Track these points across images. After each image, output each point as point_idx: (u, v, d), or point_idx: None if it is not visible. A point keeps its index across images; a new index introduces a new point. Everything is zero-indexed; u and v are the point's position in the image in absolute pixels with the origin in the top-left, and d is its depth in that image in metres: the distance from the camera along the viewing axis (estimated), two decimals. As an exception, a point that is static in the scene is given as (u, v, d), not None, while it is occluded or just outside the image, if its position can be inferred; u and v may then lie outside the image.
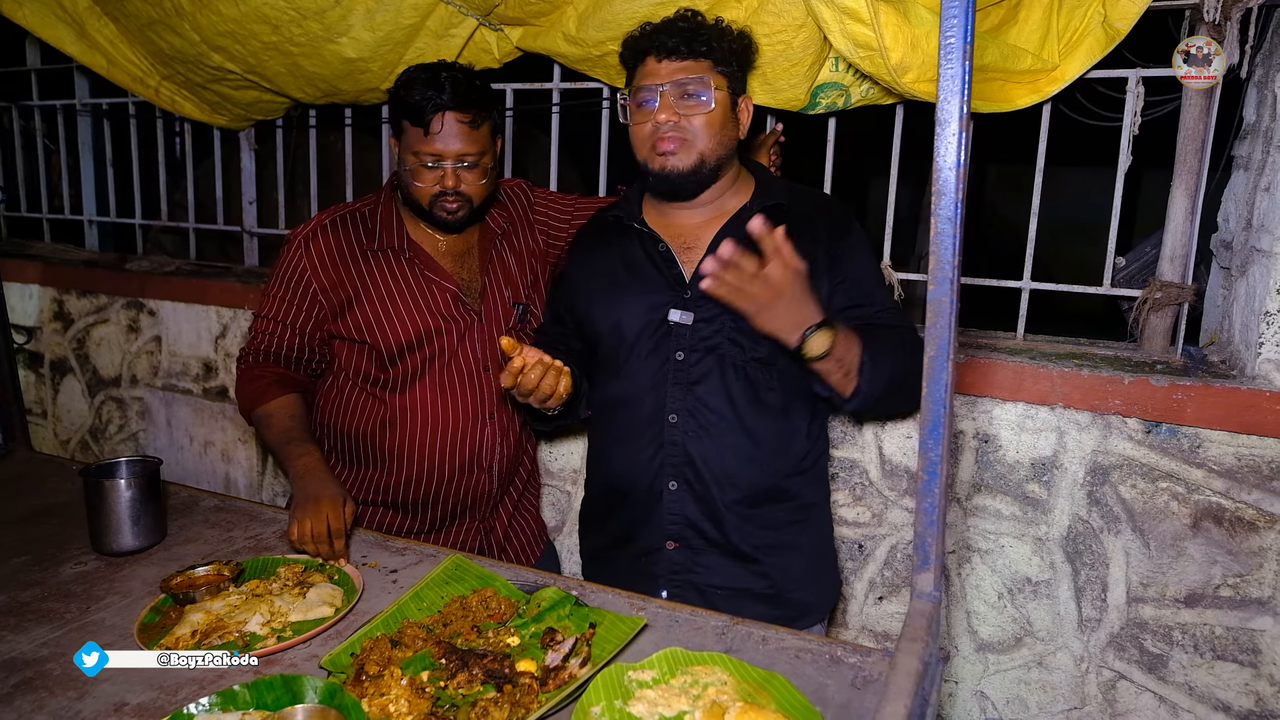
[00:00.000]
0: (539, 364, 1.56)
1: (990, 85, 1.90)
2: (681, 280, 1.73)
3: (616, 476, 1.82)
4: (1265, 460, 1.82)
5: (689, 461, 1.71)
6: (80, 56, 2.77)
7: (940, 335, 1.05)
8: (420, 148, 1.79)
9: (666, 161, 1.66)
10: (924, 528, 1.13)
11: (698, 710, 1.14)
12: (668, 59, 1.65)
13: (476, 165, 1.83)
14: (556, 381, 1.58)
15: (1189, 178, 1.96)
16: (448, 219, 1.86)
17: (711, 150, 1.66)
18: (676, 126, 1.64)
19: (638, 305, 1.75)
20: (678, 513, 1.73)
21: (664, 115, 1.64)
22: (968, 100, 0.99)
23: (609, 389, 1.82)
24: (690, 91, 1.63)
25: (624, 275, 1.79)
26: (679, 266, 1.74)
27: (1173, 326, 2.05)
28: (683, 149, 1.65)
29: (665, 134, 1.64)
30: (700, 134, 1.65)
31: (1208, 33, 1.87)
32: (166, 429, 3.19)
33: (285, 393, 1.87)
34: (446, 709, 1.18)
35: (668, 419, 1.72)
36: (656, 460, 1.74)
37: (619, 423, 1.81)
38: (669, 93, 1.64)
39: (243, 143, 3.16)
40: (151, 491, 1.69)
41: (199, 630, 1.38)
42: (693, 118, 1.64)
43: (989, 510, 2.07)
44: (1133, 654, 1.97)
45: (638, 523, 1.78)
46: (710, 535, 1.73)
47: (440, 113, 1.76)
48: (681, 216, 1.77)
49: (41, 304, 3.51)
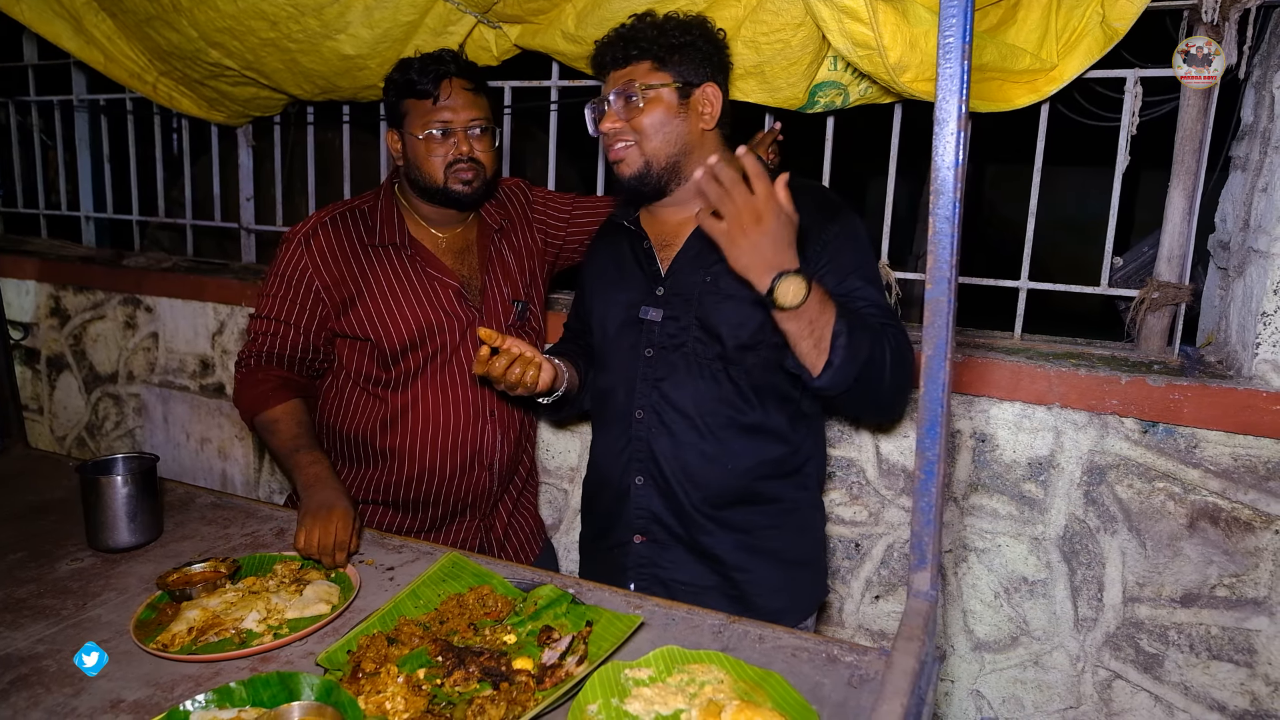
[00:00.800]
0: (506, 354, 1.63)
1: (989, 85, 1.90)
2: (658, 276, 1.75)
3: (597, 468, 1.88)
4: (1262, 460, 1.82)
5: (652, 458, 1.73)
6: (77, 52, 2.76)
7: (938, 334, 1.05)
8: (430, 117, 1.81)
9: (618, 169, 1.70)
10: (921, 527, 1.13)
11: (694, 708, 1.15)
12: (613, 69, 1.69)
13: (486, 131, 1.86)
14: (524, 373, 1.64)
15: (1187, 178, 1.96)
16: (463, 190, 1.85)
17: (659, 148, 1.67)
18: (619, 134, 1.67)
19: (619, 301, 1.80)
20: (644, 507, 1.75)
21: (606, 124, 1.68)
22: (966, 100, 0.99)
23: (597, 381, 1.87)
24: (628, 96, 1.66)
25: (614, 272, 1.84)
26: (657, 263, 1.76)
27: (1170, 327, 2.05)
28: (628, 154, 1.68)
29: (610, 143, 1.69)
30: (644, 135, 1.66)
31: (1206, 33, 1.87)
32: (163, 425, 3.19)
33: (289, 397, 1.84)
34: (443, 706, 1.18)
35: (635, 414, 1.75)
36: (625, 455, 1.77)
37: (601, 415, 1.87)
38: (613, 102, 1.68)
39: (240, 139, 3.16)
40: (148, 488, 1.69)
41: (195, 627, 1.38)
42: (633, 120, 1.66)
43: (986, 510, 2.08)
44: (1128, 653, 1.98)
45: (611, 515, 1.82)
46: (675, 531, 1.74)
47: (447, 79, 1.81)
48: (665, 214, 1.78)
49: (38, 300, 3.51)
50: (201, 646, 1.34)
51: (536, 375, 1.66)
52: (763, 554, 1.74)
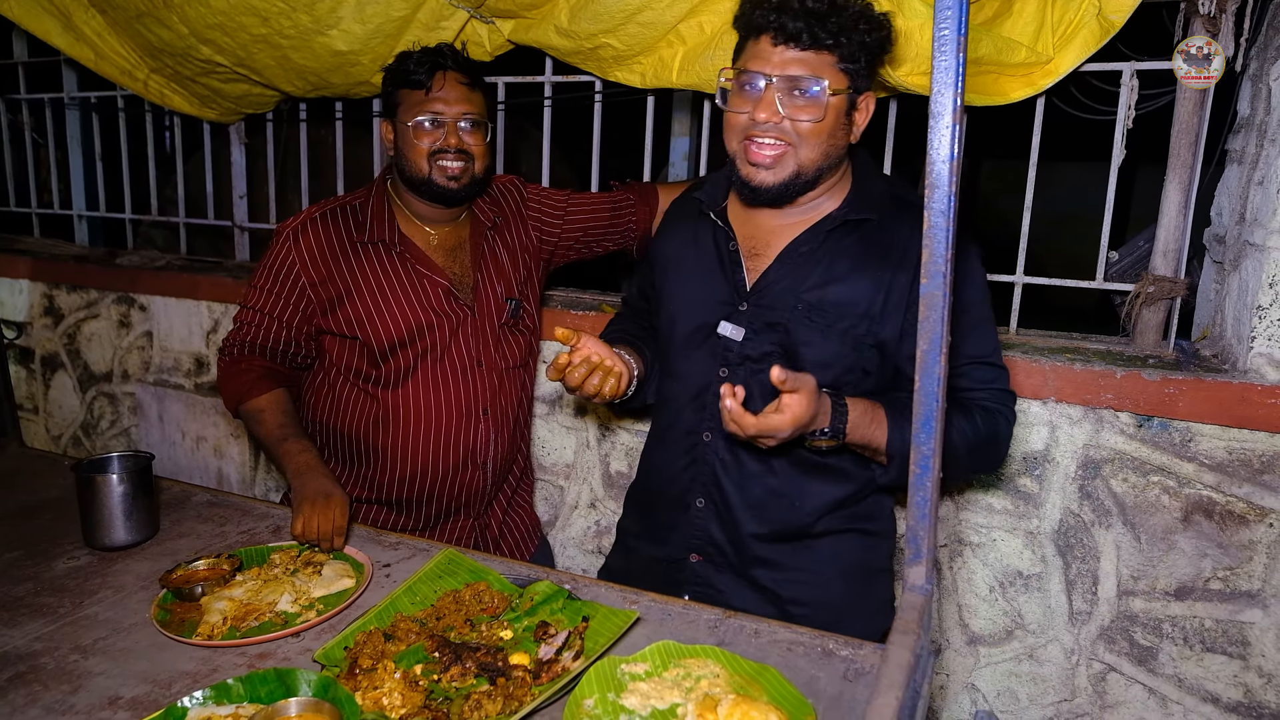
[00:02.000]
0: (586, 363, 1.49)
1: (984, 78, 1.90)
2: (743, 287, 1.59)
3: (654, 475, 1.77)
4: (1256, 454, 1.83)
5: (716, 484, 1.63)
6: (67, 49, 2.75)
7: (933, 329, 1.05)
8: (421, 106, 1.81)
9: (755, 174, 1.47)
10: (916, 521, 1.13)
11: (690, 703, 1.15)
12: (785, 45, 1.41)
13: (478, 126, 1.85)
14: (603, 383, 1.52)
15: (1182, 172, 1.96)
16: (448, 184, 1.84)
17: (813, 161, 1.46)
18: (778, 129, 1.43)
19: (694, 304, 1.64)
20: (702, 529, 1.67)
21: (764, 114, 1.42)
22: (961, 93, 0.99)
23: (663, 384, 1.75)
24: (802, 90, 1.41)
25: (693, 265, 1.66)
26: (743, 272, 1.59)
27: (1165, 321, 2.06)
28: (778, 163, 1.46)
29: (762, 139, 1.45)
30: (803, 142, 1.44)
31: (1203, 25, 1.87)
32: (158, 424, 3.18)
33: (273, 387, 1.86)
34: (440, 702, 1.18)
35: (703, 436, 1.64)
36: (687, 475, 1.67)
37: (663, 421, 1.75)
38: (777, 86, 1.42)
39: (233, 137, 3.15)
40: (144, 486, 1.68)
41: (228, 617, 1.40)
42: (798, 119, 1.43)
43: (981, 504, 2.08)
44: (1123, 646, 1.98)
45: (666, 527, 1.73)
46: (730, 558, 1.66)
47: (441, 71, 1.80)
48: (762, 215, 1.61)
49: (32, 299, 3.50)
50: (246, 631, 1.37)
51: (616, 385, 1.54)
52: (818, 585, 1.65)
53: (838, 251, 1.55)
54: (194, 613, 1.42)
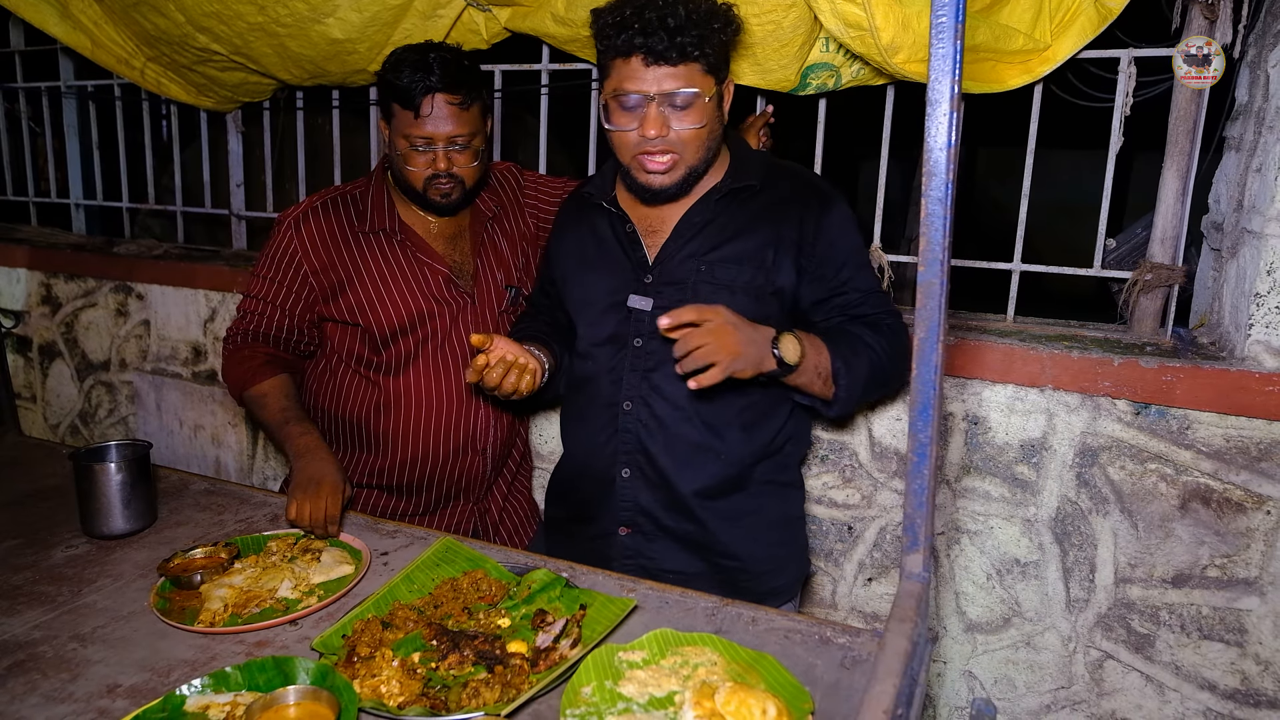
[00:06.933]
0: (501, 362, 1.57)
1: (982, 66, 1.90)
2: (645, 264, 1.69)
3: (575, 455, 1.84)
4: (1254, 441, 1.83)
5: (642, 450, 1.70)
6: (64, 37, 2.73)
7: (930, 317, 1.05)
8: (410, 131, 1.78)
9: (654, 180, 1.59)
10: (913, 509, 1.13)
11: (688, 690, 1.15)
12: (655, 64, 1.49)
13: (468, 147, 1.82)
14: (519, 380, 1.59)
15: (1180, 159, 1.96)
16: (441, 201, 1.86)
17: (701, 158, 1.60)
18: (665, 141, 1.54)
19: (600, 286, 1.74)
20: (630, 499, 1.73)
21: (653, 130, 1.52)
22: (959, 80, 0.98)
23: (575, 366, 1.81)
24: (680, 104, 1.52)
25: (593, 254, 1.77)
26: (643, 249, 1.70)
27: (1163, 308, 2.06)
28: (672, 168, 1.58)
29: (650, 150, 1.55)
30: (690, 146, 1.56)
31: (1201, 12, 1.86)
32: (156, 413, 3.18)
33: (276, 373, 1.88)
34: (438, 690, 1.19)
35: (622, 405, 1.70)
36: (610, 446, 1.72)
37: (580, 401, 1.81)
38: (657, 103, 1.52)
39: (229, 125, 3.14)
40: (141, 475, 1.69)
41: (230, 604, 1.41)
42: (680, 128, 1.54)
43: (978, 492, 2.08)
44: (1120, 634, 1.99)
45: (593, 504, 1.78)
46: (663, 523, 1.72)
47: (430, 95, 1.75)
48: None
49: (29, 288, 3.49)
50: (248, 617, 1.38)
51: (532, 380, 1.62)
52: (749, 538, 1.74)
53: (728, 216, 1.68)
54: (193, 600, 1.43)
